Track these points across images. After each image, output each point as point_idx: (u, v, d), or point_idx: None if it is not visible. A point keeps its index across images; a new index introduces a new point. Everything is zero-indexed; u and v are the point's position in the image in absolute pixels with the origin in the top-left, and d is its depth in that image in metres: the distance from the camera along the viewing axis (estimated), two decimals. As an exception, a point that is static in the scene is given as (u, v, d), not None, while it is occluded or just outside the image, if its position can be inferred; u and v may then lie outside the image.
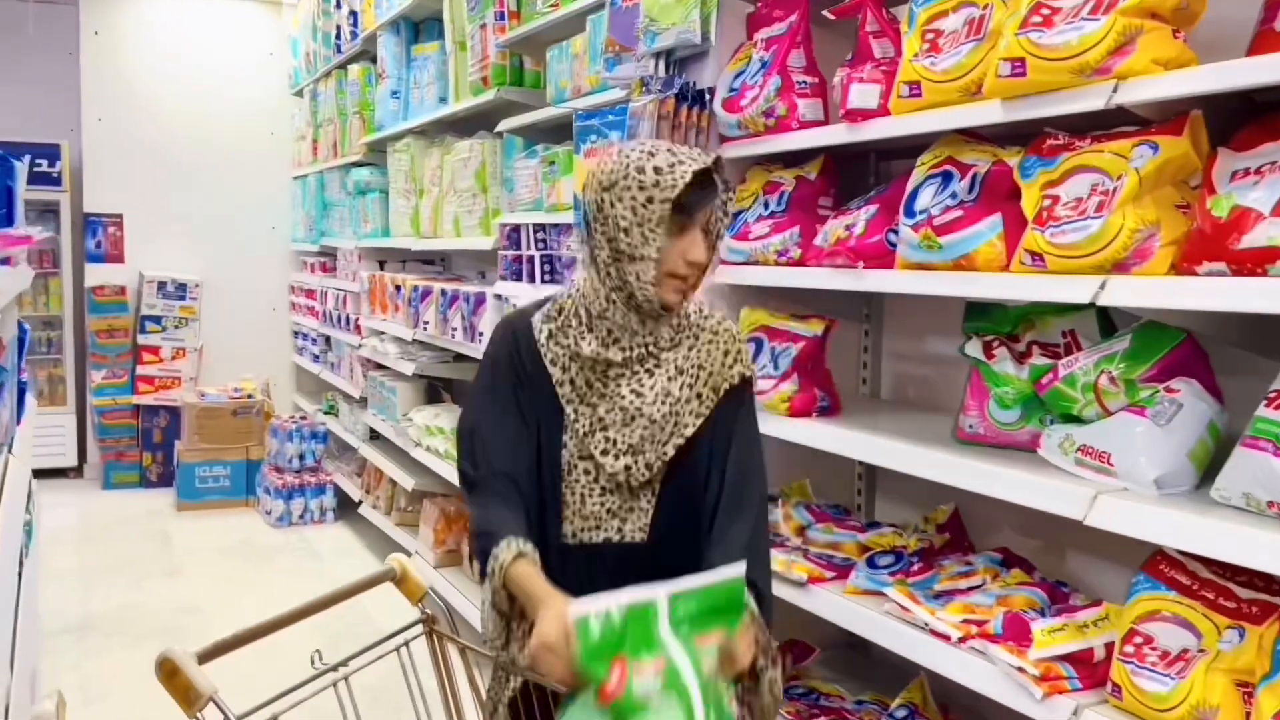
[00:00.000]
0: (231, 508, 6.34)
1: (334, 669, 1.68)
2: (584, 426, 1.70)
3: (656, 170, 1.58)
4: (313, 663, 1.67)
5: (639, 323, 1.68)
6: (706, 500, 1.70)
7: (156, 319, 7.02)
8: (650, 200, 1.58)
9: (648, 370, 1.70)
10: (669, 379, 1.70)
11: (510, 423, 1.73)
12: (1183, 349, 1.64)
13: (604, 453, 1.69)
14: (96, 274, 7.01)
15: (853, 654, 2.71)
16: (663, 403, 1.69)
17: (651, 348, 1.69)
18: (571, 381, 1.71)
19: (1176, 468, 1.61)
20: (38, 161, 6.86)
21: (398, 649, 1.80)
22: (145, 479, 6.87)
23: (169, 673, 1.43)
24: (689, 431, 1.69)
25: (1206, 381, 1.67)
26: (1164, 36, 1.56)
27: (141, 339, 6.99)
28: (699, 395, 1.70)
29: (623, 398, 1.69)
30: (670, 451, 1.69)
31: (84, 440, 7.08)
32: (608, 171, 1.64)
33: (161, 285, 7.03)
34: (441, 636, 1.88)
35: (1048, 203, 1.68)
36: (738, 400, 1.73)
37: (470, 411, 1.80)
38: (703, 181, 1.61)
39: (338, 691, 1.66)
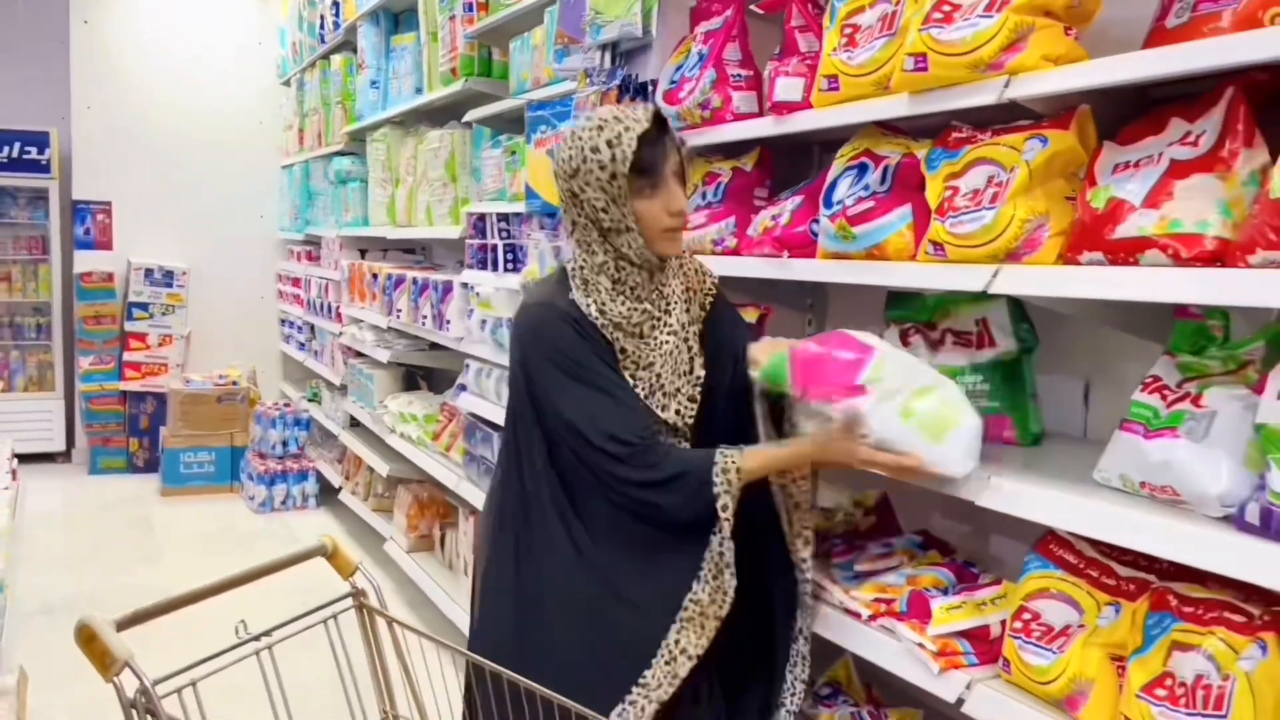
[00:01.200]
0: (215, 493, 6.41)
1: (257, 638, 1.74)
2: (644, 389, 1.84)
3: (609, 144, 1.71)
4: (237, 632, 1.73)
5: (649, 277, 1.84)
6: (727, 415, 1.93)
7: (144, 306, 7.09)
8: (614, 176, 1.71)
9: (665, 309, 1.88)
10: (678, 309, 1.90)
11: (623, 391, 1.80)
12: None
13: (664, 409, 1.85)
14: (85, 261, 7.09)
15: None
16: (683, 330, 1.89)
17: (663, 288, 1.87)
18: (623, 350, 1.83)
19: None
20: (27, 149, 6.94)
21: (325, 621, 1.87)
22: (131, 464, 6.95)
23: (87, 638, 1.49)
24: (695, 345, 1.92)
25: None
26: (1055, 34, 1.61)
27: (129, 325, 7.07)
28: (692, 315, 1.93)
29: (666, 343, 1.86)
30: (701, 374, 1.91)
31: (72, 425, 7.16)
32: (567, 159, 1.76)
33: (149, 272, 7.10)
34: (371, 610, 1.94)
35: (949, 194, 1.73)
36: (724, 308, 2.00)
37: (575, 391, 1.77)
38: (655, 136, 1.74)
39: (260, 661, 1.72)
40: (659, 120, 1.76)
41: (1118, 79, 1.49)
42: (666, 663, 1.75)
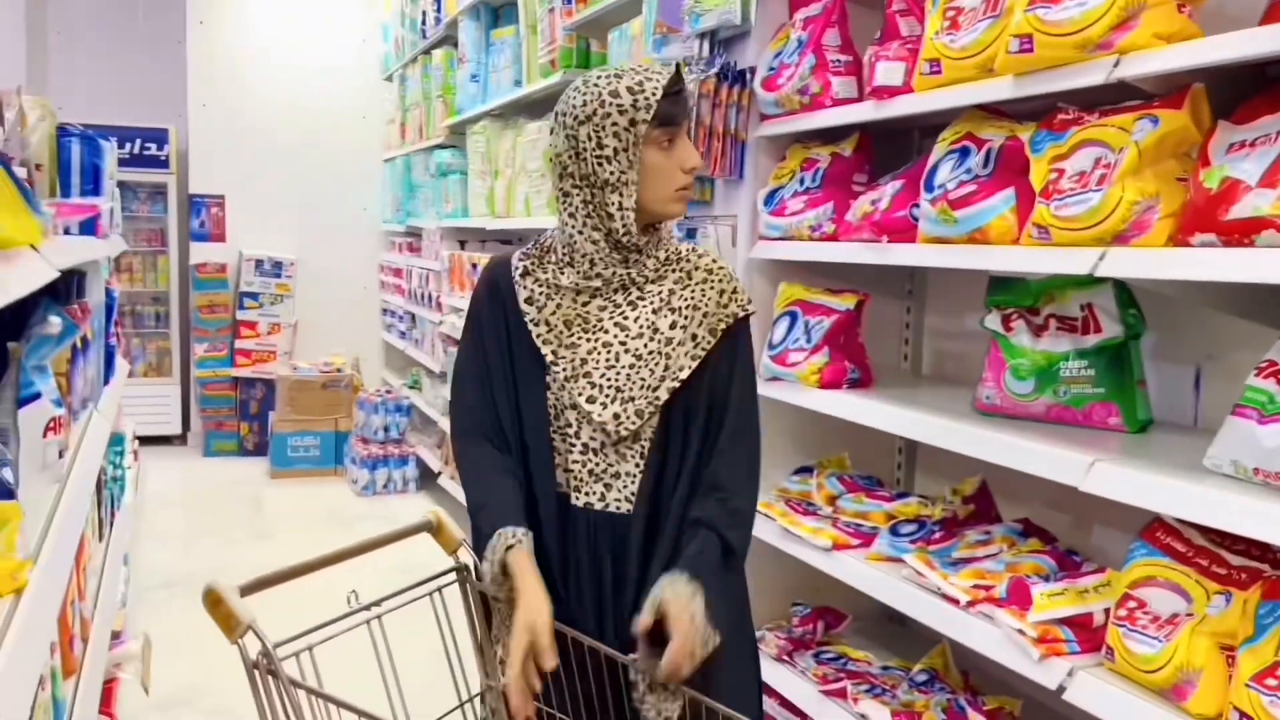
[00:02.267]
0: (320, 476, 6.63)
1: (367, 608, 1.82)
2: (565, 371, 1.65)
3: (630, 91, 1.57)
4: (349, 602, 1.81)
5: (620, 261, 1.65)
6: (695, 442, 1.64)
7: (254, 295, 7.36)
8: (633, 123, 1.57)
9: (630, 302, 1.66)
10: (654, 311, 1.65)
11: (488, 370, 1.72)
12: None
13: (590, 400, 1.63)
14: (200, 252, 7.40)
15: (889, 624, 2.76)
16: (650, 338, 1.63)
17: (635, 276, 1.65)
18: (548, 322, 1.67)
19: None
20: (147, 145, 7.27)
21: (430, 594, 1.94)
22: (242, 447, 7.23)
23: (213, 602, 1.57)
24: (684, 375, 1.63)
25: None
26: (1168, 11, 1.57)
27: (240, 314, 7.35)
28: (694, 337, 1.64)
29: (605, 332, 1.64)
30: (664, 396, 1.62)
31: (188, 409, 7.48)
32: (581, 104, 1.59)
33: (259, 263, 7.37)
34: (473, 585, 2.01)
35: (1054, 176, 1.71)
36: (733, 342, 1.67)
37: (458, 355, 1.81)
38: (676, 91, 1.60)
39: (370, 629, 1.80)
40: (679, 78, 1.63)
41: (1233, 56, 1.45)
42: None
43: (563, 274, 1.67)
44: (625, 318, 1.65)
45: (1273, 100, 1.49)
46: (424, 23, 6.29)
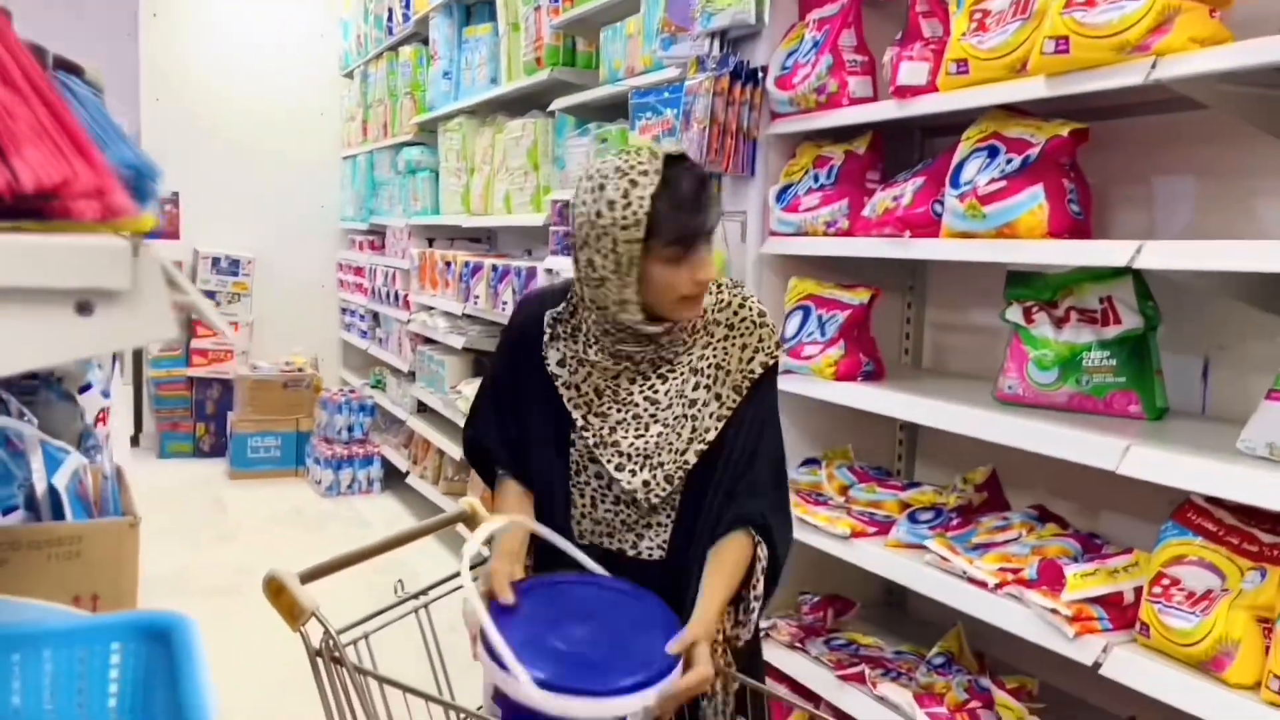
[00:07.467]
0: (282, 477, 6.54)
1: (415, 597, 1.83)
2: (593, 438, 1.67)
3: (610, 206, 1.53)
4: (395, 591, 1.82)
5: (639, 343, 1.64)
6: (725, 487, 1.65)
7: (210, 294, 7.22)
8: (615, 243, 1.53)
9: (660, 375, 1.67)
10: (683, 381, 1.66)
11: (508, 410, 1.79)
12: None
13: (618, 468, 1.66)
14: (153, 250, 7.22)
15: (889, 610, 2.83)
16: (677, 405, 1.65)
17: (665, 354, 1.66)
18: (578, 387, 1.68)
19: None
20: (98, 140, 7.08)
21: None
22: (198, 449, 7.09)
23: (275, 591, 1.57)
24: (710, 436, 1.64)
25: None
26: (1201, 16, 1.65)
27: (196, 314, 7.21)
28: (718, 396, 1.65)
29: (636, 405, 1.66)
30: (691, 460, 1.64)
31: (140, 411, 7.31)
32: (580, 224, 1.59)
33: (215, 261, 7.24)
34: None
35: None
36: (759, 390, 1.68)
37: (484, 382, 1.89)
38: (694, 191, 1.55)
39: (419, 617, 1.81)
40: (703, 183, 1.57)
41: (1265, 61, 1.53)
42: None
43: (591, 350, 1.67)
44: (656, 391, 1.67)
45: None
46: (390, 19, 6.24)
